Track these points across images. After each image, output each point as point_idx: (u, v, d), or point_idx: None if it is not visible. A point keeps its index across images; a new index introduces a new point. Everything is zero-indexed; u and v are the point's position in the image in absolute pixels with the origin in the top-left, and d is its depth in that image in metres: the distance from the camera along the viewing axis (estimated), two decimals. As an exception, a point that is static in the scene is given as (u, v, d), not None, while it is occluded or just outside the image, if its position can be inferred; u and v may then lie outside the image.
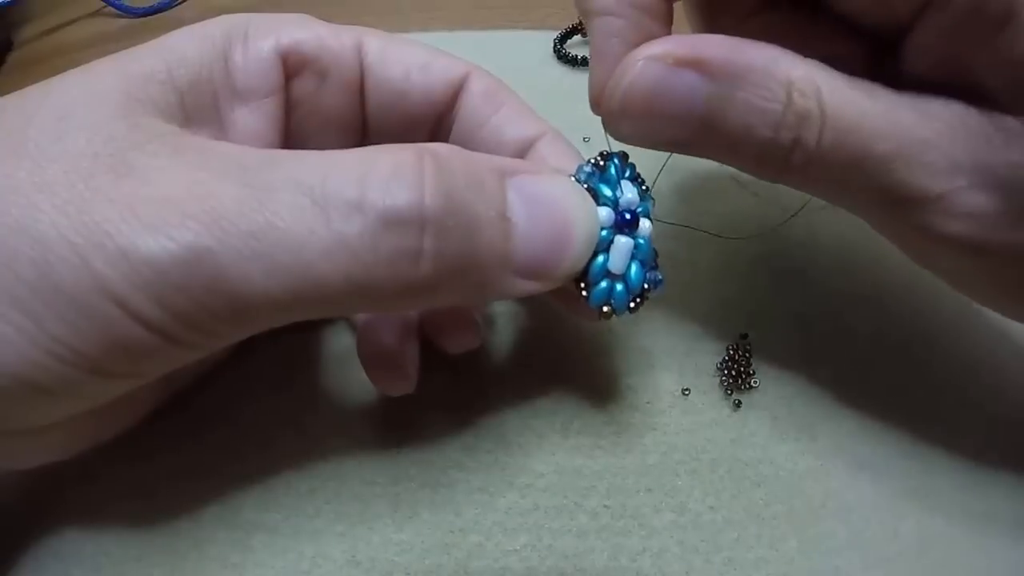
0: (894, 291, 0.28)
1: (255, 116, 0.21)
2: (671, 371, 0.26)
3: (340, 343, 0.27)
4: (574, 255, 0.19)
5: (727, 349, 0.26)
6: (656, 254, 0.21)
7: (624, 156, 0.21)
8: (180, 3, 0.43)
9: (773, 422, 0.25)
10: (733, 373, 0.25)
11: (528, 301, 0.28)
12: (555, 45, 0.38)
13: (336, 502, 0.23)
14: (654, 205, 0.21)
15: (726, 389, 0.25)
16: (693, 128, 0.19)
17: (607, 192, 0.20)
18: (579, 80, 0.25)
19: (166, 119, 0.18)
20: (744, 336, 0.26)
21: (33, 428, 0.18)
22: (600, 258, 0.19)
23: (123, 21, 0.43)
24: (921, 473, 0.24)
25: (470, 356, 0.26)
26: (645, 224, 0.20)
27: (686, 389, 0.25)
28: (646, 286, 0.20)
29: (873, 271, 0.29)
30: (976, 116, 0.18)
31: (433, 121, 0.23)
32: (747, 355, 0.26)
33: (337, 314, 0.18)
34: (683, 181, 0.32)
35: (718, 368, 0.26)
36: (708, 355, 0.26)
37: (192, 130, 0.19)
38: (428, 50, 0.23)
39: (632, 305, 0.20)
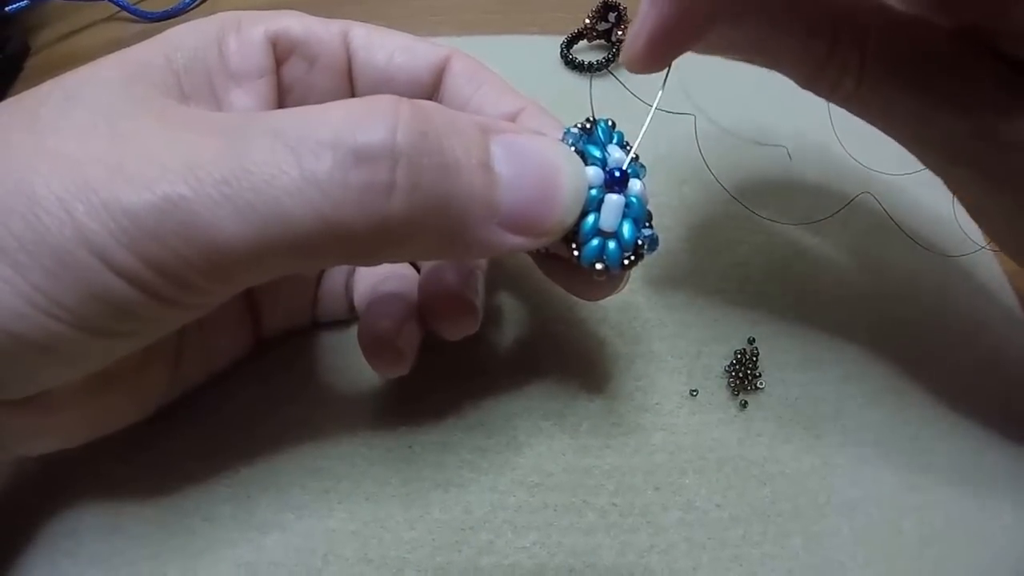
0: (897, 295, 0.29)
1: (249, 96, 0.22)
2: (680, 373, 0.26)
3: (351, 346, 0.27)
4: (563, 208, 0.18)
5: (734, 352, 0.26)
6: (650, 215, 0.20)
7: (612, 123, 0.21)
8: (194, 7, 0.43)
9: (778, 422, 0.25)
10: (740, 375, 0.26)
11: (538, 303, 0.28)
12: (562, 50, 0.39)
13: (349, 502, 0.24)
14: (645, 174, 0.20)
15: (733, 390, 0.26)
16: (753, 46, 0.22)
17: (595, 153, 0.19)
18: (585, 84, 0.25)
19: (164, 97, 0.19)
20: (751, 340, 0.27)
21: (37, 401, 0.19)
22: (591, 216, 0.19)
23: (138, 26, 0.43)
24: (923, 471, 0.24)
25: (480, 359, 0.27)
26: (636, 183, 0.20)
27: (694, 390, 0.26)
28: (640, 242, 0.20)
29: (877, 277, 0.29)
30: (1007, 83, 0.19)
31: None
32: (754, 358, 0.26)
33: (314, 264, 0.18)
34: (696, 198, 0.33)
35: (725, 370, 0.26)
36: (716, 358, 0.27)
37: (189, 107, 0.20)
38: (410, 36, 0.24)
39: (626, 262, 0.19)
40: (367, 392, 0.26)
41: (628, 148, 0.20)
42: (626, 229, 0.19)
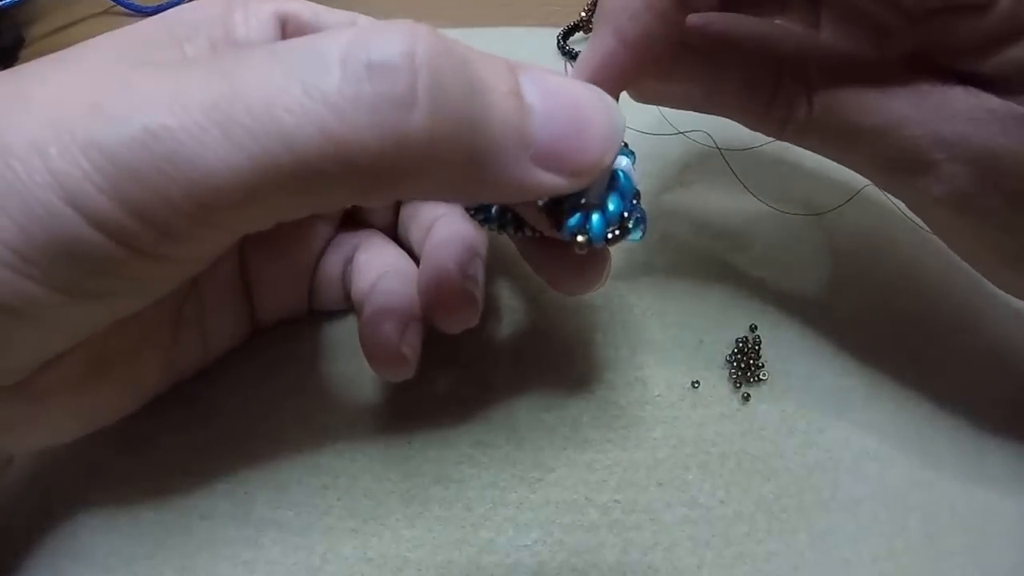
0: (902, 287, 0.28)
1: None
2: (681, 364, 0.26)
3: (350, 341, 0.27)
4: (601, 143, 0.17)
5: (736, 342, 0.26)
6: (639, 194, 0.19)
7: None
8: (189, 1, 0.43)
9: (782, 415, 0.25)
10: (742, 366, 0.25)
11: (536, 294, 0.28)
12: (558, 41, 0.39)
13: (348, 499, 0.23)
14: (635, 159, 0.20)
15: (735, 382, 0.25)
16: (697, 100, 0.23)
17: None
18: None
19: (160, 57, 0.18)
20: (753, 329, 0.26)
21: (25, 388, 0.18)
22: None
23: (131, 19, 0.42)
24: (929, 466, 0.24)
25: (479, 351, 0.26)
26: (623, 159, 0.19)
27: (696, 382, 0.25)
28: (625, 215, 0.18)
29: (881, 267, 0.29)
30: (963, 96, 0.19)
31: None
32: (756, 348, 0.26)
33: (316, 200, 0.15)
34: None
35: (727, 361, 0.26)
36: (718, 347, 0.26)
37: None
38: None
39: (610, 235, 0.18)
40: (365, 387, 0.26)
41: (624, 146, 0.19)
42: (612, 202, 0.18)
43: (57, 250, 0.15)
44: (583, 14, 0.38)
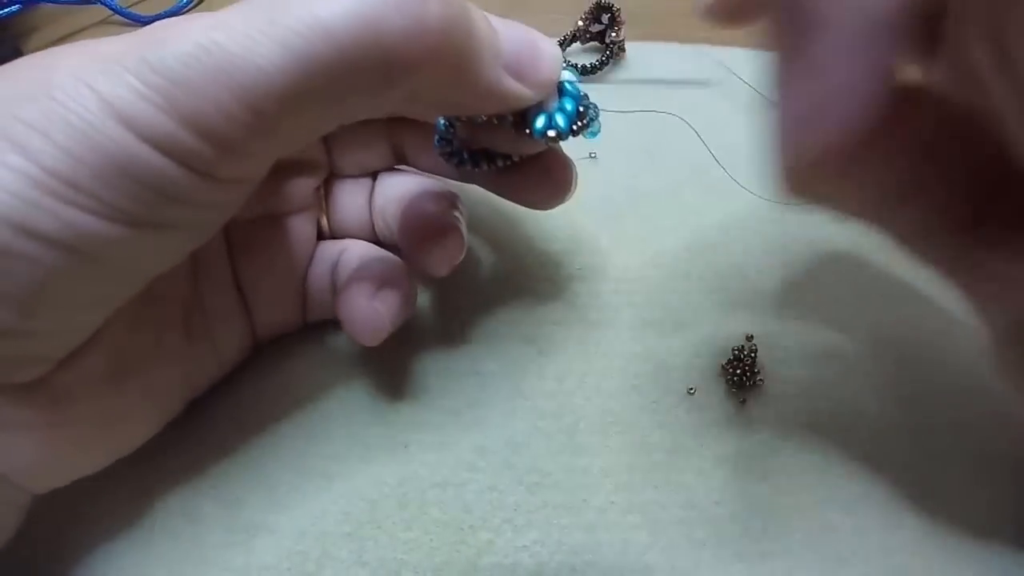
0: (897, 289, 0.29)
1: None
2: (677, 371, 0.26)
3: (344, 344, 0.27)
4: (550, 60, 0.20)
5: (732, 350, 0.26)
6: (587, 95, 0.23)
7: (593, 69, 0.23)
8: (188, 9, 0.43)
9: (777, 419, 0.25)
10: (738, 372, 0.25)
11: (533, 304, 0.28)
12: (555, 54, 0.39)
13: (342, 502, 0.23)
14: (577, 74, 0.23)
15: (732, 388, 0.25)
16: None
17: None
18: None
19: None
20: (750, 337, 0.27)
21: (46, 388, 0.18)
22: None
23: (129, 30, 0.42)
24: (924, 466, 0.24)
25: (476, 359, 0.26)
26: (566, 72, 0.22)
27: (692, 388, 0.26)
28: (581, 109, 0.22)
29: (877, 274, 0.29)
30: None
31: None
32: (752, 355, 0.26)
33: (352, 99, 0.17)
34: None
35: (724, 368, 0.26)
36: (714, 355, 0.27)
37: None
38: None
39: (575, 127, 0.22)
40: (361, 391, 0.26)
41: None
42: (567, 103, 0.21)
43: (112, 174, 0.15)
44: (580, 24, 0.39)
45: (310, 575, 0.22)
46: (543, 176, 0.24)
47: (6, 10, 0.39)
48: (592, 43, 0.39)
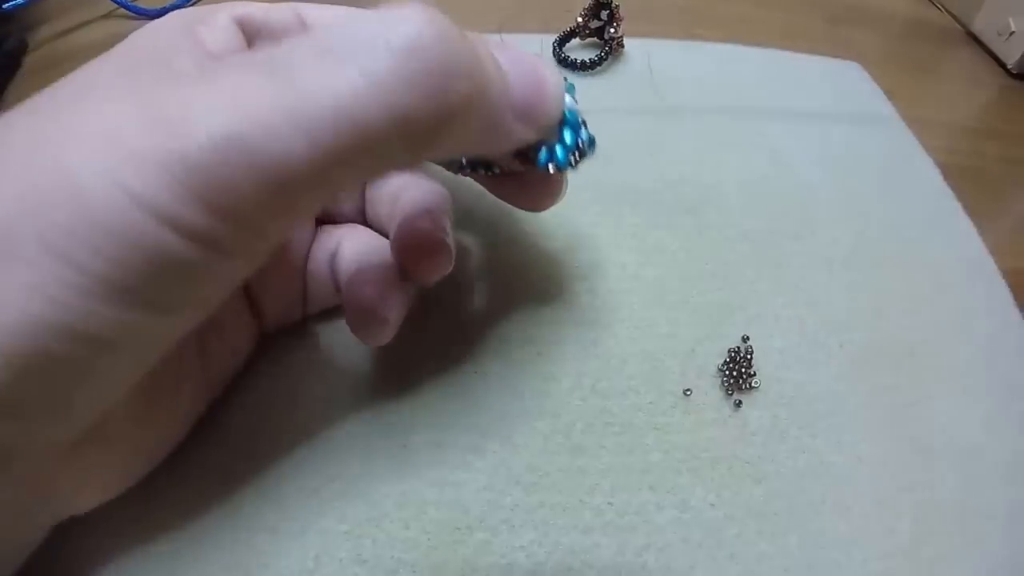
0: (891, 292, 0.29)
1: None
2: (673, 372, 0.26)
3: (344, 345, 0.27)
4: (555, 101, 0.20)
5: (728, 351, 0.26)
6: (584, 122, 0.23)
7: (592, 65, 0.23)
8: (192, 3, 0.43)
9: (773, 421, 0.25)
10: (734, 374, 0.26)
11: (531, 305, 0.28)
12: (554, 48, 0.39)
13: (341, 501, 0.23)
14: (575, 90, 0.23)
15: (727, 390, 0.26)
16: None
17: None
18: (577, 83, 0.25)
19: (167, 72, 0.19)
20: (745, 338, 0.27)
21: (91, 439, 0.18)
22: None
23: (136, 23, 0.42)
24: (919, 470, 0.24)
25: (474, 360, 0.26)
26: (567, 99, 0.22)
27: (688, 390, 0.26)
28: (580, 143, 0.22)
29: (870, 272, 0.29)
30: None
31: None
32: (748, 356, 0.26)
33: (378, 165, 0.18)
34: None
35: (719, 369, 0.26)
36: (710, 357, 0.27)
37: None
38: (355, 9, 0.23)
39: (572, 160, 0.22)
40: (359, 391, 0.26)
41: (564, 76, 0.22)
42: (567, 135, 0.22)
43: (150, 269, 0.15)
44: (579, 20, 0.39)
45: (309, 572, 0.22)
46: (535, 182, 0.24)
47: (12, 2, 0.39)
48: (591, 39, 0.39)
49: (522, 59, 0.19)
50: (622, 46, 0.39)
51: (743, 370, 0.26)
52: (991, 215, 0.34)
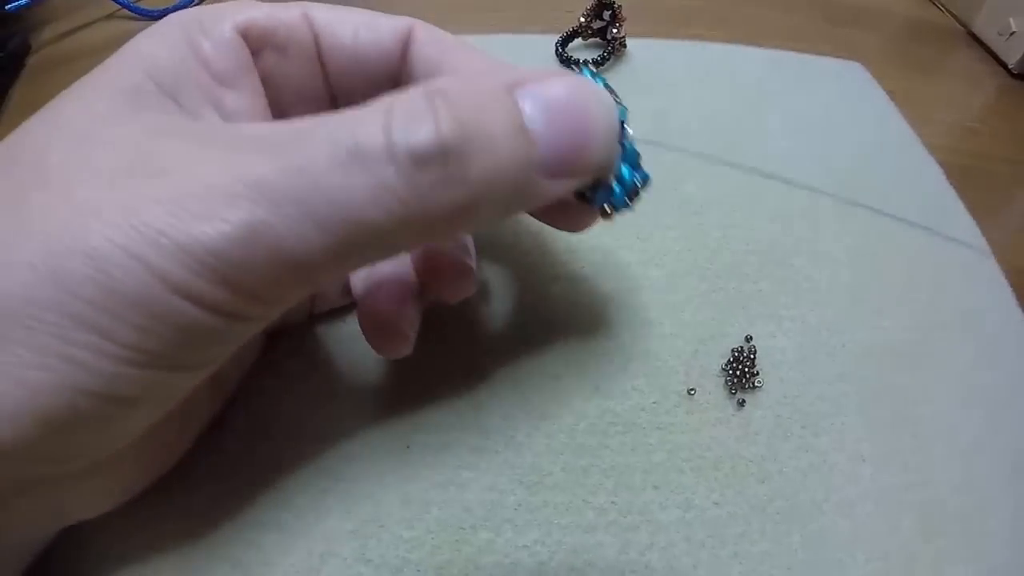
0: (894, 291, 0.29)
1: (243, 95, 0.21)
2: (677, 372, 0.26)
3: (347, 343, 0.27)
4: (599, 146, 0.19)
5: (732, 351, 0.26)
6: (639, 155, 0.21)
7: (594, 69, 0.21)
8: (194, 4, 0.43)
9: (776, 420, 0.25)
10: (737, 374, 0.26)
11: (534, 305, 0.28)
12: (557, 48, 0.39)
13: (346, 501, 0.23)
14: (626, 113, 0.21)
15: (730, 389, 0.26)
16: None
17: None
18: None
19: (174, 118, 0.19)
20: (748, 338, 0.27)
21: (107, 462, 0.19)
22: None
23: (138, 24, 0.43)
24: (922, 468, 0.24)
25: (477, 360, 0.26)
26: (628, 130, 0.21)
27: (691, 389, 0.26)
28: (638, 183, 0.21)
29: (873, 272, 0.30)
30: None
31: (391, 77, 0.24)
32: (752, 356, 0.26)
33: (392, 253, 0.18)
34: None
35: (723, 369, 0.26)
36: (713, 356, 0.27)
37: (205, 124, 0.20)
38: (369, 12, 0.24)
39: (628, 201, 0.21)
40: (364, 391, 0.26)
41: (612, 93, 0.20)
42: (625, 172, 0.20)
43: (173, 335, 0.16)
44: (582, 20, 0.39)
45: (314, 570, 0.22)
46: (572, 212, 0.23)
47: (15, 3, 0.39)
48: (594, 39, 0.39)
49: (562, 102, 0.18)
50: (624, 46, 0.39)
51: (746, 370, 0.26)
52: (993, 214, 0.34)
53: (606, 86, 0.21)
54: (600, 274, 0.29)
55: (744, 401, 0.25)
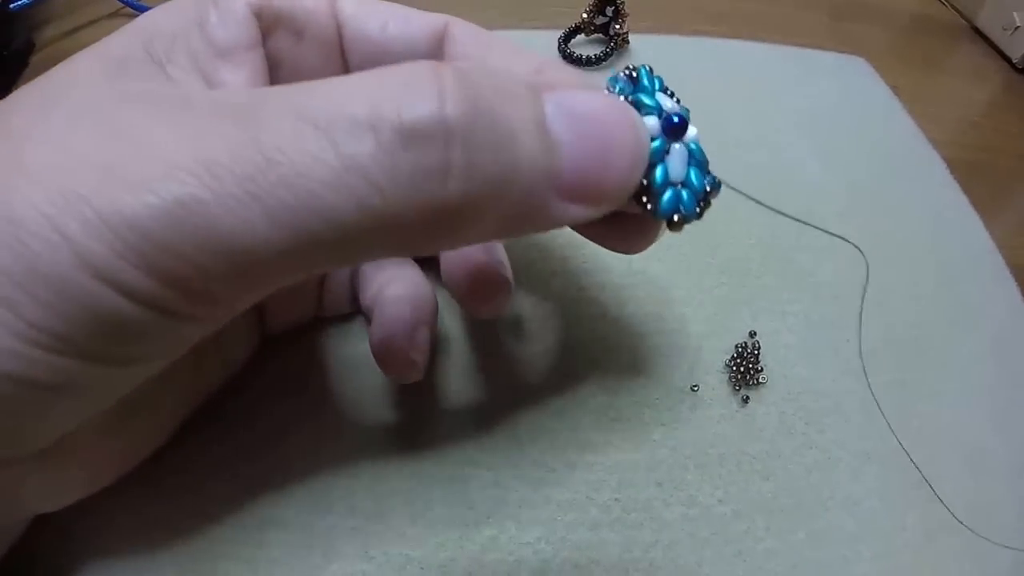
0: (898, 287, 0.29)
1: (240, 71, 0.19)
2: (681, 368, 0.26)
3: (354, 343, 0.27)
4: (626, 170, 0.16)
5: (735, 346, 0.26)
6: (707, 160, 0.19)
7: (651, 68, 0.19)
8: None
9: (780, 417, 0.25)
10: (741, 370, 0.26)
11: (537, 300, 0.28)
12: (560, 44, 0.39)
13: (350, 498, 0.23)
14: (688, 113, 0.19)
15: (734, 385, 0.26)
16: None
17: (648, 101, 0.18)
18: (583, 78, 0.25)
19: (151, 86, 0.17)
20: (752, 334, 0.27)
21: (57, 452, 0.17)
22: (659, 168, 0.17)
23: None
24: (926, 465, 0.24)
25: (480, 357, 0.26)
26: (692, 129, 0.18)
27: (695, 385, 0.26)
28: (708, 188, 0.18)
29: (879, 270, 0.29)
30: None
31: None
32: (755, 352, 0.26)
33: (356, 260, 0.15)
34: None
35: (727, 365, 0.26)
36: (717, 352, 0.27)
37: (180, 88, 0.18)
38: (403, 6, 0.22)
39: (698, 208, 0.18)
40: (367, 388, 0.26)
41: (671, 93, 0.19)
42: (694, 176, 0.18)
43: (91, 324, 0.14)
44: (584, 16, 0.38)
45: (317, 567, 0.22)
46: (634, 221, 0.20)
47: (19, 2, 0.39)
48: (596, 35, 0.39)
49: (590, 114, 0.16)
50: (627, 42, 0.39)
51: (750, 366, 0.26)
52: (997, 209, 0.34)
53: (663, 88, 0.19)
54: (602, 270, 0.29)
55: (748, 397, 0.25)
